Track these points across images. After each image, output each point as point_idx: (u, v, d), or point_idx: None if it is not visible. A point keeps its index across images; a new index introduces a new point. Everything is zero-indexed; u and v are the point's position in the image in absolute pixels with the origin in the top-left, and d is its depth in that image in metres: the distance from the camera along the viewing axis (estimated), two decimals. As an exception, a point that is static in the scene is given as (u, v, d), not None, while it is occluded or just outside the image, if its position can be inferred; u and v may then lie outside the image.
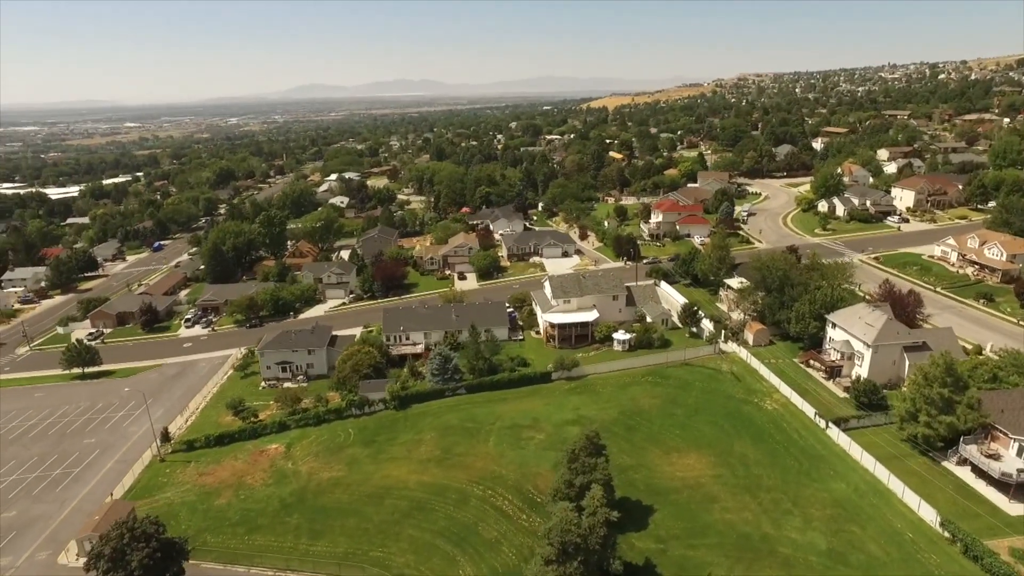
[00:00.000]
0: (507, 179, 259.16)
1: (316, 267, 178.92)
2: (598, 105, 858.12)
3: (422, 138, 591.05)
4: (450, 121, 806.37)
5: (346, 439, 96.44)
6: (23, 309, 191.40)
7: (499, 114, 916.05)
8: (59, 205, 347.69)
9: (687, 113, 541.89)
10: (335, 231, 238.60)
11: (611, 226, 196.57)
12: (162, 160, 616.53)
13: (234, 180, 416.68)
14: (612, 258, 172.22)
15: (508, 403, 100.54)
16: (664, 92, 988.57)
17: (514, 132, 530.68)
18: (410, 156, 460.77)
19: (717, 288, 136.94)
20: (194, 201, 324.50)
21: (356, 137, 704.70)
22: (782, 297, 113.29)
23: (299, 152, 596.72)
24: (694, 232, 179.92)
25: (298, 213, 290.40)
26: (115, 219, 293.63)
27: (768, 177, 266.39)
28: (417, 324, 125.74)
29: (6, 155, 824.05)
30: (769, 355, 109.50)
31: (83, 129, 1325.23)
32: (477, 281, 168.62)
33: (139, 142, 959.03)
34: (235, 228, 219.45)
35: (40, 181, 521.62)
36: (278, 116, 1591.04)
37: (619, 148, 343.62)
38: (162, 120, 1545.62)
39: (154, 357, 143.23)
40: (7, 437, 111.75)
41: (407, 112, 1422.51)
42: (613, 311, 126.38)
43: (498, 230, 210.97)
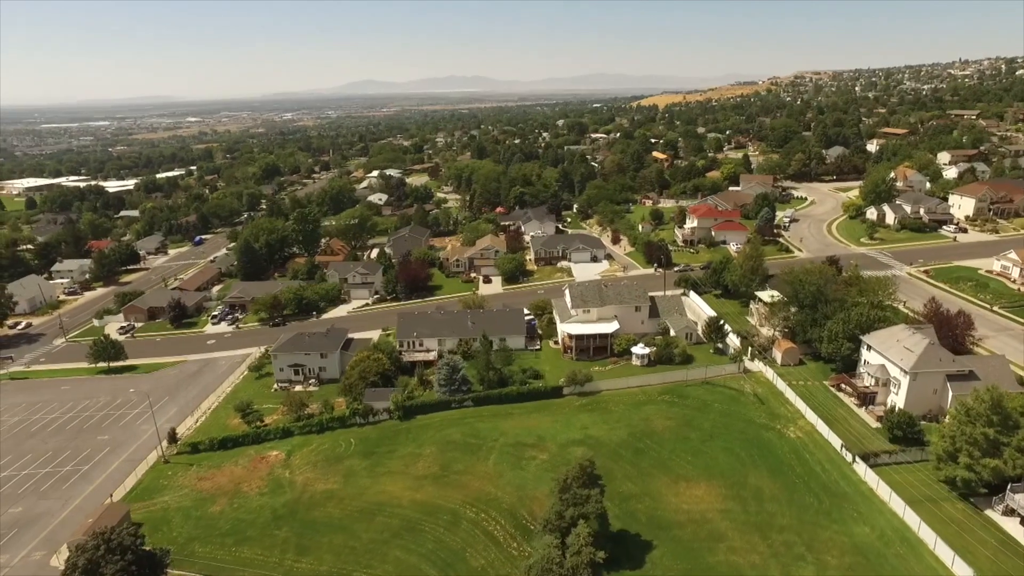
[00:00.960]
0: (543, 179, 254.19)
1: (342, 266, 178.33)
2: (648, 103, 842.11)
3: (468, 135, 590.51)
4: (498, 118, 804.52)
5: (346, 449, 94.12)
6: (67, 300, 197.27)
7: (548, 111, 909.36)
8: (113, 198, 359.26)
9: (738, 112, 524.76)
10: (368, 229, 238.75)
11: (645, 230, 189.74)
12: (216, 154, 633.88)
13: (279, 175, 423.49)
14: (643, 264, 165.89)
15: (514, 418, 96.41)
16: (717, 90, 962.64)
17: (560, 130, 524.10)
18: (453, 153, 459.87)
19: (749, 300, 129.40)
20: (238, 196, 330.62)
21: (404, 133, 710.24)
22: (815, 314, 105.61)
23: (346, 148, 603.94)
24: (730, 239, 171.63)
25: (337, 210, 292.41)
26: (162, 213, 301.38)
27: (817, 181, 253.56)
28: (431, 330, 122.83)
29: (79, 148, 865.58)
30: (798, 376, 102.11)
31: (148, 124, 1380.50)
32: (502, 285, 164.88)
33: (198, 136, 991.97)
34: (269, 225, 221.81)
35: (102, 174, 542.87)
36: (331, 111, 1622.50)
37: (663, 148, 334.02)
38: (221, 115, 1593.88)
39: (178, 353, 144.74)
40: (29, 430, 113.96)
41: (457, 108, 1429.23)
42: (635, 323, 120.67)
43: (529, 232, 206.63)
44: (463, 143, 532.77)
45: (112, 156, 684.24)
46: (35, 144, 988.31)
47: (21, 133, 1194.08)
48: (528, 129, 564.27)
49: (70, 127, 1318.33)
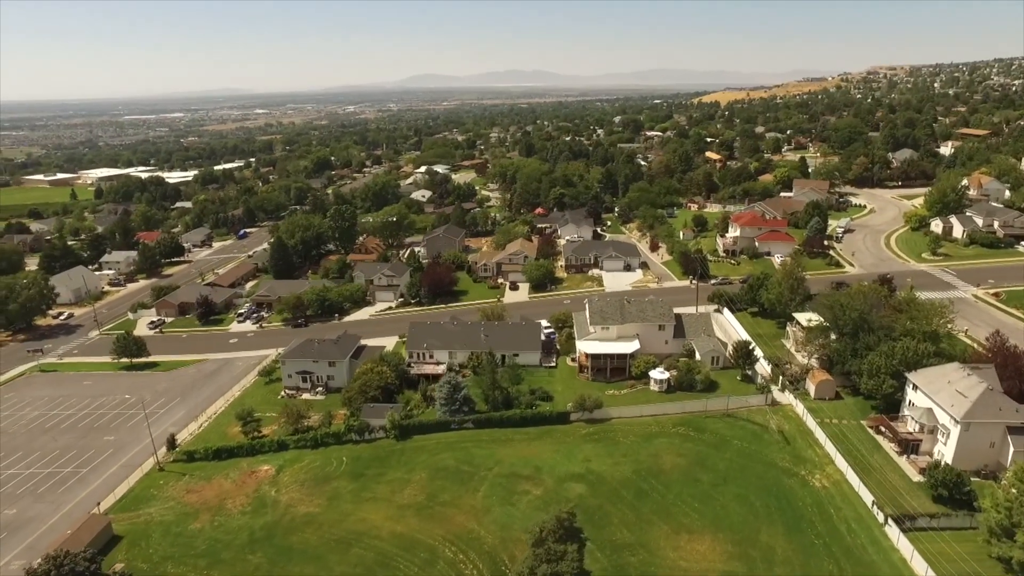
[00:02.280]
0: (585, 180, 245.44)
1: (368, 267, 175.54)
2: (710, 100, 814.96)
3: (522, 131, 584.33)
4: (555, 113, 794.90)
5: (336, 468, 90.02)
6: (111, 292, 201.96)
7: (607, 107, 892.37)
8: (171, 189, 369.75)
9: (801, 111, 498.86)
10: (405, 227, 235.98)
11: (685, 238, 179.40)
12: (276, 147, 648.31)
13: (329, 169, 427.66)
14: (679, 276, 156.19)
15: (514, 445, 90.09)
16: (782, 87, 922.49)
17: (615, 127, 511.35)
18: (503, 150, 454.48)
19: (787, 322, 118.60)
20: (285, 190, 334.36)
21: (459, 128, 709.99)
22: (855, 343, 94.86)
23: (401, 142, 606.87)
24: (775, 250, 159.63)
25: (380, 206, 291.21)
26: (212, 205, 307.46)
27: (879, 187, 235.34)
28: (443, 342, 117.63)
29: (154, 139, 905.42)
30: (831, 413, 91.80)
31: (219, 115, 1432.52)
32: (529, 293, 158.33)
33: (263, 128, 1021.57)
34: (305, 221, 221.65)
35: (168, 164, 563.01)
36: (392, 104, 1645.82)
37: (718, 148, 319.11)
38: (287, 107, 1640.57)
39: (200, 351, 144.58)
40: (44, 426, 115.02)
41: (517, 103, 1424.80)
42: (658, 342, 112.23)
43: (565, 236, 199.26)
44: (516, 139, 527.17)
45: (182, 147, 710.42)
46: (116, 135, 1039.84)
47: (105, 124, 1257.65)
48: (583, 126, 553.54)
49: (148, 119, 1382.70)
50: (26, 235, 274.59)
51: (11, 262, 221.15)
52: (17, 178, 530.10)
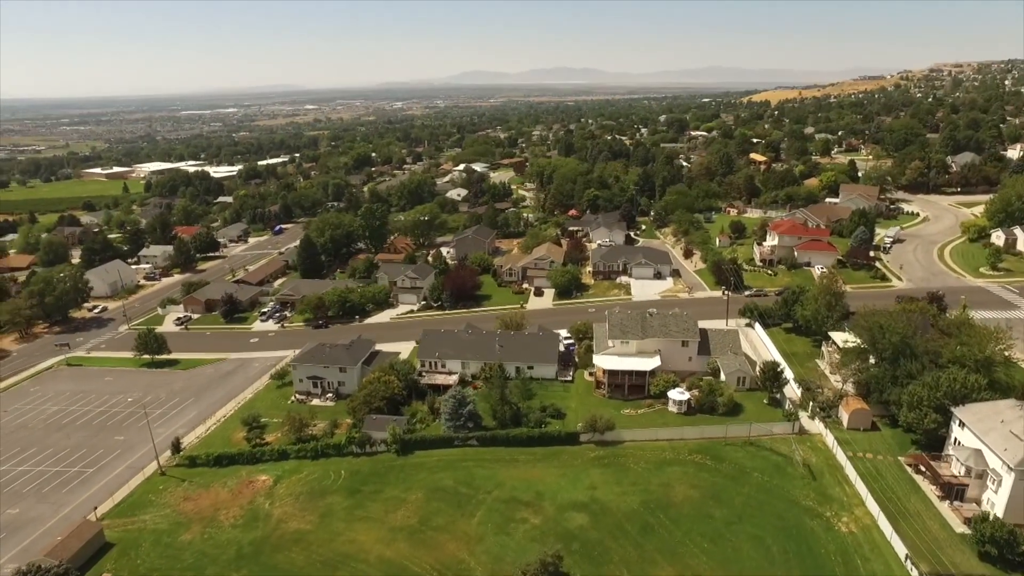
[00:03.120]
0: (621, 181, 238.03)
1: (393, 268, 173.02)
2: (760, 99, 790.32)
3: (566, 129, 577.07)
4: (600, 112, 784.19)
5: (333, 482, 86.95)
6: (145, 286, 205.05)
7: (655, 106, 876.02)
8: (215, 184, 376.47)
9: (855, 110, 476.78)
10: (436, 227, 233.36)
11: (721, 244, 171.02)
12: (322, 142, 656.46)
13: (369, 166, 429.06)
14: (712, 285, 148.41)
15: (518, 466, 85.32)
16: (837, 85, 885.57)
17: (659, 126, 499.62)
18: (543, 148, 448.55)
19: (823, 341, 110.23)
20: (324, 186, 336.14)
21: (503, 125, 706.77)
22: (895, 370, 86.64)
23: (444, 138, 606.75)
24: (816, 261, 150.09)
25: (415, 204, 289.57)
26: (251, 200, 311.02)
27: (936, 193, 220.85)
28: (456, 351, 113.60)
29: (207, 134, 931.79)
30: (866, 445, 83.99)
31: (270, 111, 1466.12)
32: (553, 300, 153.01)
33: (312, 123, 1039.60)
34: (335, 219, 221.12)
35: (217, 159, 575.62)
36: (440, 101, 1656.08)
37: (764, 149, 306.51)
38: (336, 103, 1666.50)
39: (220, 350, 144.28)
40: (60, 422, 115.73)
41: (564, 100, 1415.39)
42: (681, 359, 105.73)
43: (596, 240, 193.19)
44: (558, 138, 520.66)
45: (232, 141, 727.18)
46: (173, 130, 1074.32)
47: (164, 119, 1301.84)
48: (627, 124, 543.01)
49: (204, 113, 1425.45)
50: (75, 227, 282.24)
51: (57, 254, 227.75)
52: (78, 171, 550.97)
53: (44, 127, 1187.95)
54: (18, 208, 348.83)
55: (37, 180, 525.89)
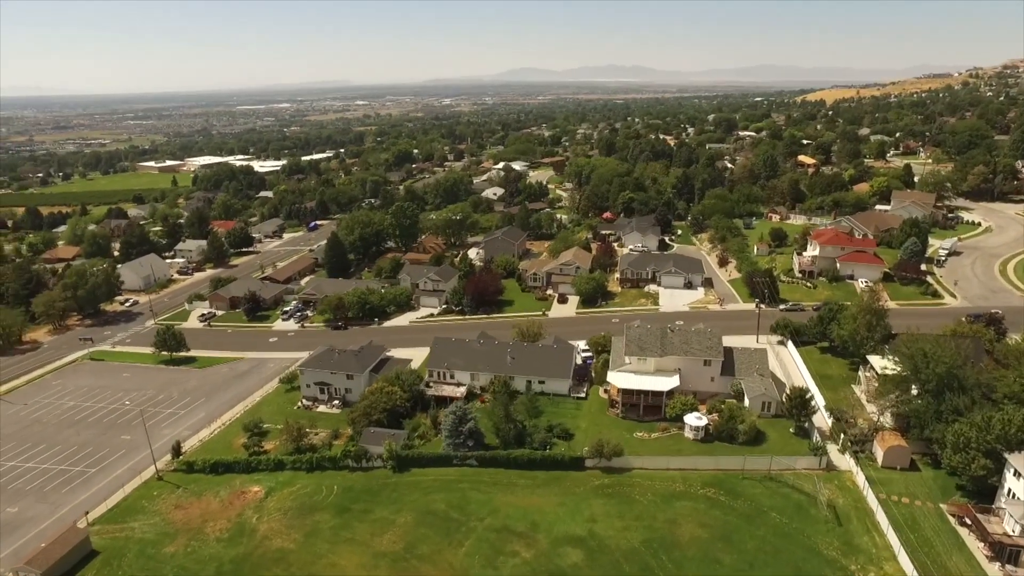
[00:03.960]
0: (658, 184, 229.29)
1: (416, 270, 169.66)
2: (815, 98, 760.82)
3: (611, 127, 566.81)
4: (648, 110, 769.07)
5: (324, 498, 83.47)
6: (178, 280, 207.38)
7: (705, 105, 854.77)
8: (257, 179, 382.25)
9: (916, 110, 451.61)
10: (468, 227, 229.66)
11: (759, 253, 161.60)
12: (367, 138, 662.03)
13: (410, 163, 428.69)
14: (745, 297, 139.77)
15: (515, 491, 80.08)
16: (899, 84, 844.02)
17: (706, 126, 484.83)
18: (586, 147, 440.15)
19: (860, 364, 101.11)
20: (362, 183, 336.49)
21: (549, 123, 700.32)
22: (939, 405, 77.80)
23: (487, 136, 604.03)
24: (859, 274, 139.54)
25: (450, 202, 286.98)
26: (289, 196, 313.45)
27: (1002, 201, 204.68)
28: (466, 361, 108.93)
29: (260, 128, 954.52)
30: (902, 487, 75.57)
31: (321, 106, 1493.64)
32: (577, 308, 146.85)
33: (361, 119, 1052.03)
34: (365, 217, 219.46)
35: (266, 154, 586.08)
36: (488, 98, 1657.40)
37: (814, 151, 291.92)
38: (386, 99, 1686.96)
39: (239, 349, 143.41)
40: (74, 418, 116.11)
41: (612, 98, 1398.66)
42: (703, 379, 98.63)
43: (628, 244, 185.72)
44: (602, 136, 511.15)
45: (282, 136, 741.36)
46: (229, 124, 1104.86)
47: (220, 114, 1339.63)
48: (673, 123, 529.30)
49: (258, 108, 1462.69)
50: (122, 220, 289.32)
51: (100, 247, 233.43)
52: (134, 164, 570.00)
53: (111, 121, 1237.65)
54: (75, 200, 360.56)
55: (97, 173, 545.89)
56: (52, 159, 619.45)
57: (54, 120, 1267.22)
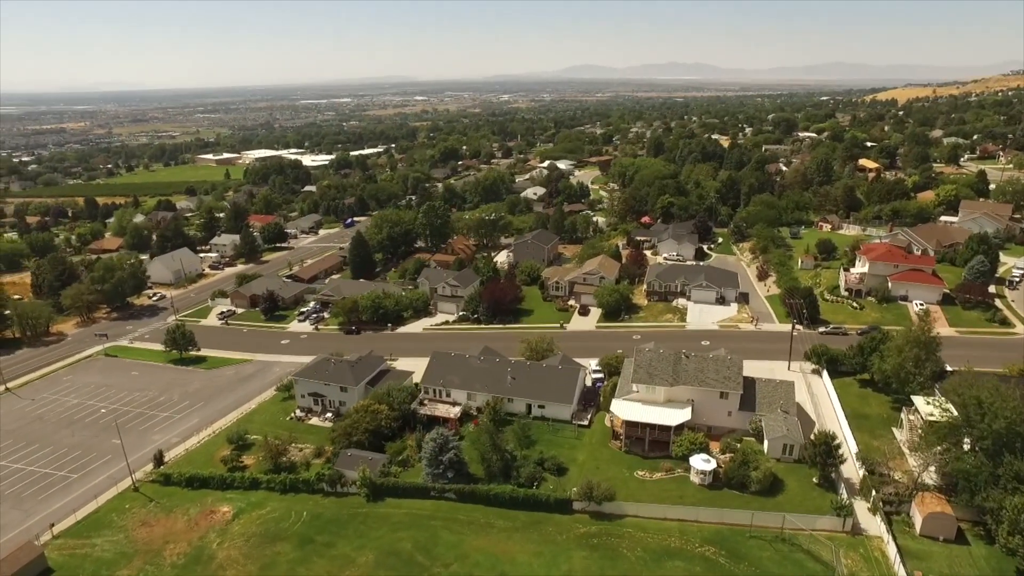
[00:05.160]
0: (700, 187, 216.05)
1: (435, 274, 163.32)
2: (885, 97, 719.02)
3: (664, 127, 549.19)
4: (706, 109, 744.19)
5: (292, 525, 77.71)
6: (209, 274, 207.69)
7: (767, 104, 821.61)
8: (303, 173, 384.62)
9: (999, 110, 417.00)
10: (501, 228, 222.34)
11: (804, 266, 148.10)
12: (420, 133, 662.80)
13: (456, 160, 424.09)
14: (781, 316, 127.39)
15: (490, 535, 72.11)
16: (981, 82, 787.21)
17: (764, 126, 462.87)
18: (635, 147, 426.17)
19: (906, 402, 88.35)
20: (403, 179, 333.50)
21: (603, 121, 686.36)
22: (995, 467, 65.47)
23: (539, 133, 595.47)
24: (915, 295, 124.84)
25: (489, 201, 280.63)
26: (330, 191, 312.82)
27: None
28: (463, 379, 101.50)
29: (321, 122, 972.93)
30: (944, 564, 63.71)
31: (381, 101, 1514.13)
32: (598, 321, 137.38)
33: (419, 114, 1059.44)
34: (394, 216, 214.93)
35: (320, 148, 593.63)
36: (546, 95, 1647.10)
37: (877, 155, 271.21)
38: (445, 95, 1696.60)
39: (249, 350, 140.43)
40: (73, 417, 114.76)
41: (671, 96, 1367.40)
42: (719, 413, 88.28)
43: (662, 252, 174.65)
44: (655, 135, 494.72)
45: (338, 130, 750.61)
46: (291, 118, 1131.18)
47: (283, 108, 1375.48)
48: (731, 123, 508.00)
49: (320, 103, 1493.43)
50: (168, 212, 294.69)
51: (142, 239, 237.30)
52: (193, 157, 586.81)
53: (182, 115, 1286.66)
54: (133, 191, 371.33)
55: (159, 164, 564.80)
56: (123, 151, 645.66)
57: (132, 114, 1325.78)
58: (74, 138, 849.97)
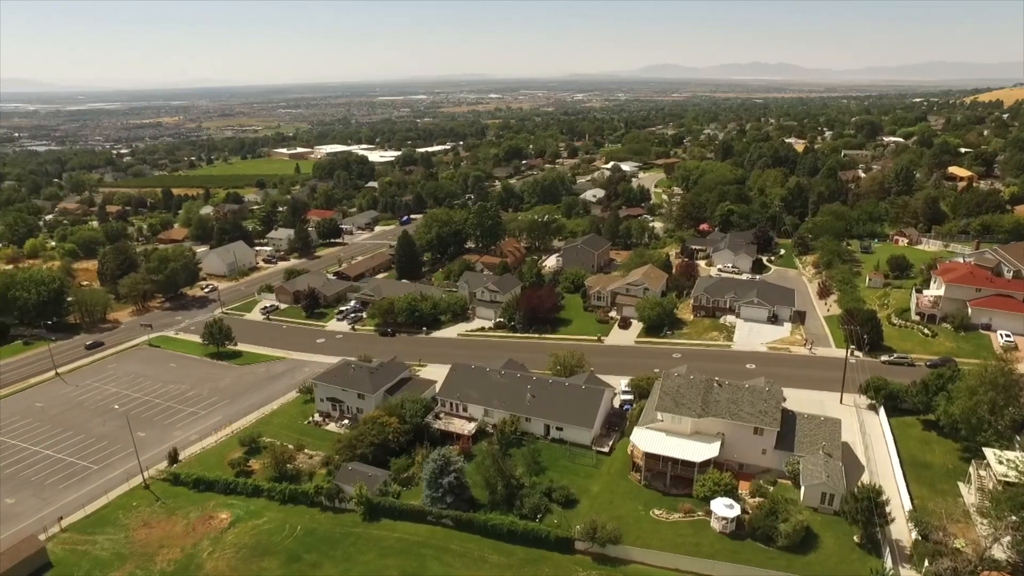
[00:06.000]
0: (765, 194, 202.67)
1: (475, 277, 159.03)
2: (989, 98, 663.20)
3: (739, 128, 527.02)
4: (786, 110, 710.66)
5: (284, 539, 75.05)
6: (262, 268, 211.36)
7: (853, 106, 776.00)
8: (367, 169, 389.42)
9: None
10: (553, 231, 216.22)
11: (872, 284, 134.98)
12: (490, 131, 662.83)
13: (520, 159, 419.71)
14: (839, 341, 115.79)
15: (483, 569, 66.90)
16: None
17: (846, 129, 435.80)
18: (704, 150, 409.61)
19: (977, 453, 76.84)
20: (464, 178, 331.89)
21: (676, 121, 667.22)
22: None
23: (608, 133, 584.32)
24: (1000, 324, 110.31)
25: (547, 202, 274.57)
26: (390, 188, 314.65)
27: None
28: (480, 394, 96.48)
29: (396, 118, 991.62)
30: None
31: (456, 98, 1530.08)
32: (638, 335, 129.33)
33: (492, 112, 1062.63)
34: (444, 215, 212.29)
35: (390, 144, 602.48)
36: (622, 94, 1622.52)
37: (971, 162, 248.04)
38: (519, 93, 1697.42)
39: (285, 347, 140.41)
40: (109, 405, 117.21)
41: (751, 97, 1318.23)
42: (752, 450, 79.63)
43: (717, 263, 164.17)
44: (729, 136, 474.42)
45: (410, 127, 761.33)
46: (367, 114, 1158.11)
47: (361, 104, 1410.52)
48: (811, 126, 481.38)
49: (396, 99, 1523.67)
50: (234, 205, 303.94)
51: (205, 230, 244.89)
52: (269, 151, 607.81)
53: (266, 110, 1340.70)
54: (209, 183, 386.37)
55: (237, 158, 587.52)
56: (207, 144, 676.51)
57: (221, 109, 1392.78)
58: (167, 132, 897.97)
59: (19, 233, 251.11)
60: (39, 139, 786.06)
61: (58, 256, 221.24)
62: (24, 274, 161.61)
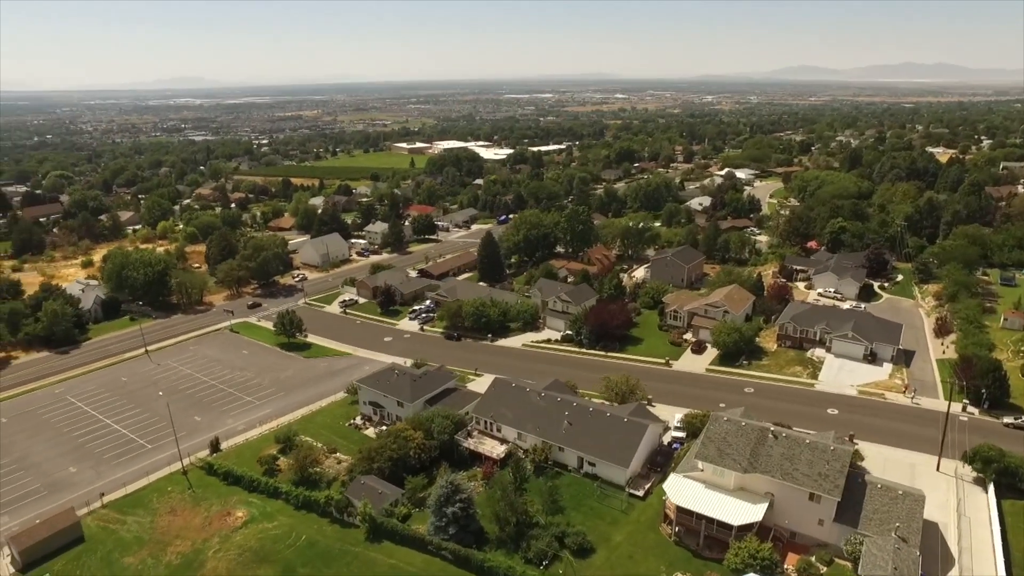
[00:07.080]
0: (886, 212, 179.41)
1: (548, 286, 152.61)
2: None
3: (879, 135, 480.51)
4: (939, 116, 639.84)
5: (286, 547, 73.53)
6: (355, 261, 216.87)
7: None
8: (475, 166, 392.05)
9: None
10: (646, 239, 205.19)
11: (1008, 325, 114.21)
12: (609, 131, 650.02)
13: (631, 161, 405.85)
14: (946, 393, 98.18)
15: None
16: None
17: (1011, 138, 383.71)
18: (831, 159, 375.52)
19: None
20: (568, 179, 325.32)
21: (807, 126, 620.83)
22: None
23: (731, 137, 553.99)
24: None
25: (649, 209, 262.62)
26: (494, 186, 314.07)
27: None
28: (515, 415, 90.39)
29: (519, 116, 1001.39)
30: None
31: (581, 98, 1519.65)
32: (711, 363, 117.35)
33: (617, 112, 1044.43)
34: (534, 218, 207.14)
35: (508, 142, 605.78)
36: (753, 96, 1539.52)
37: None
38: (646, 93, 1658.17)
39: (353, 343, 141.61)
40: (179, 386, 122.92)
41: (899, 102, 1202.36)
42: (805, 518, 67.93)
43: (818, 287, 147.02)
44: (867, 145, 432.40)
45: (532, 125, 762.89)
46: (493, 111, 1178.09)
47: (487, 101, 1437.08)
48: (966, 134, 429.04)
49: (522, 97, 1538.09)
50: (343, 197, 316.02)
51: (309, 220, 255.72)
52: (389, 145, 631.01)
53: (397, 105, 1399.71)
54: (328, 174, 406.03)
55: (360, 151, 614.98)
56: (336, 136, 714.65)
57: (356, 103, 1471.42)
58: (306, 124, 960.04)
59: (155, 215, 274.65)
60: (200, 129, 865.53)
61: (180, 239, 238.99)
62: (136, 255, 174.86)
